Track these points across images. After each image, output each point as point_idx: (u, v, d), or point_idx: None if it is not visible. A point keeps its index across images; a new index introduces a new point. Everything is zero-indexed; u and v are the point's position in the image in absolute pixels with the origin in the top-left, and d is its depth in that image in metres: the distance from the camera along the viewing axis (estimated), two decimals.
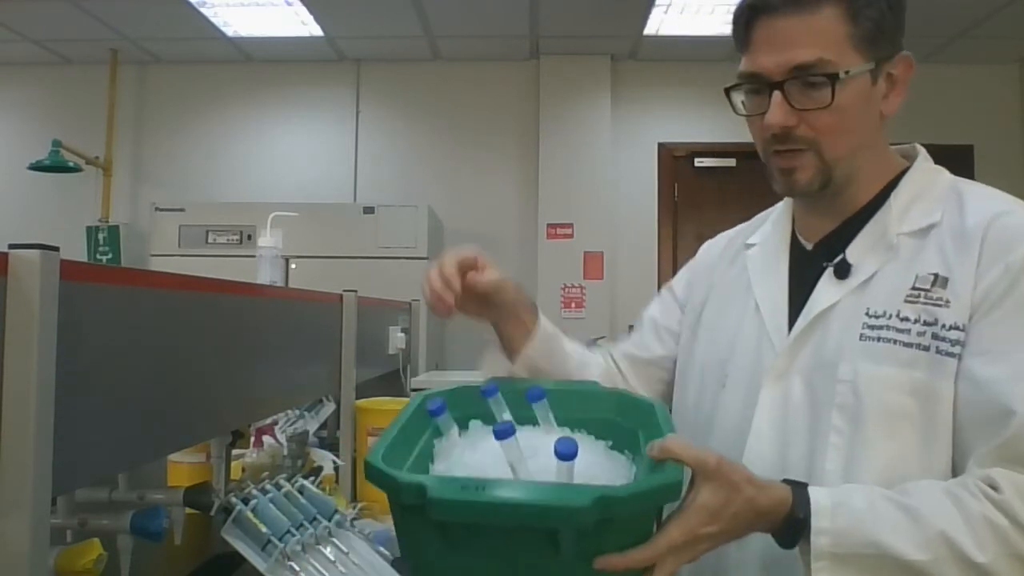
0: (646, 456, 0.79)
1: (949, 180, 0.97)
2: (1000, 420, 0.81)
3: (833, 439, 0.89)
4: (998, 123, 4.56)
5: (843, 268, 0.94)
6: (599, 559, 0.71)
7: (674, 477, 0.74)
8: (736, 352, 1.01)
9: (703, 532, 0.76)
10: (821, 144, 0.92)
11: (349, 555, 1.15)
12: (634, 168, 4.63)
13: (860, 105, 0.92)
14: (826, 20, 0.89)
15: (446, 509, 0.68)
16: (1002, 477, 0.79)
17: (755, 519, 0.79)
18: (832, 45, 0.89)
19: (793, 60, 0.89)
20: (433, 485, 0.69)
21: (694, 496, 0.77)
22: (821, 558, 0.78)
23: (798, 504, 0.80)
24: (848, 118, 0.91)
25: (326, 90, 4.75)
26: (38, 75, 4.78)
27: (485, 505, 0.68)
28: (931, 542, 0.77)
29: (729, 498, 0.77)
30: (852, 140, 0.93)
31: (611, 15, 4.01)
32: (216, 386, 1.06)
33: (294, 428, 1.79)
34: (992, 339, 0.84)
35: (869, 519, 0.79)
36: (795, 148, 0.93)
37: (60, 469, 0.65)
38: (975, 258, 0.87)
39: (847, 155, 0.94)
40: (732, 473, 0.77)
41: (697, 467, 0.77)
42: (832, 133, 0.92)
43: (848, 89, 0.90)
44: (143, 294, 0.85)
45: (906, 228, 0.93)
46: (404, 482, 0.70)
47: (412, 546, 0.77)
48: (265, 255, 1.90)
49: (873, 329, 0.89)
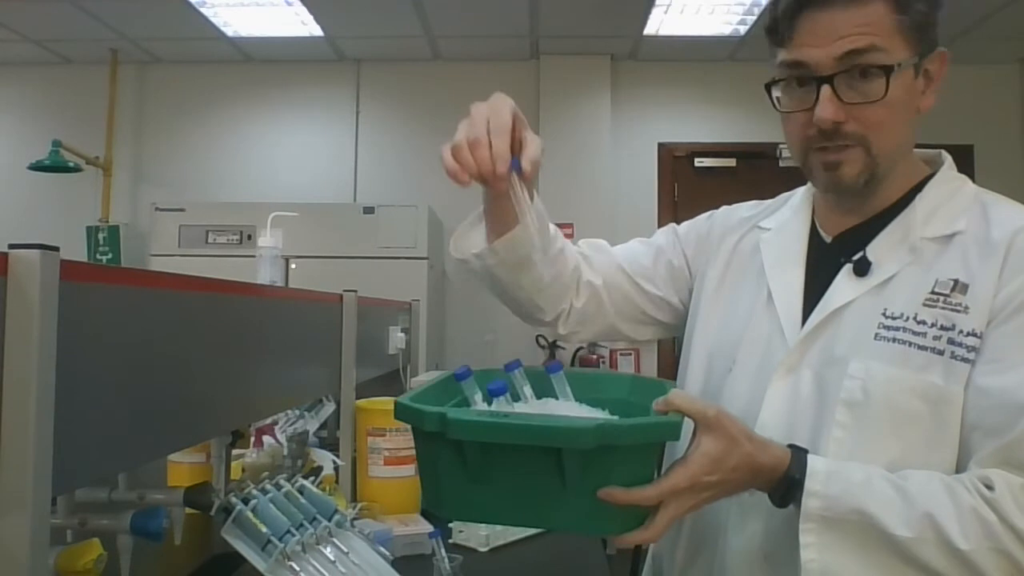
0: (653, 414, 0.83)
1: (974, 191, 0.97)
2: (1007, 423, 0.81)
3: (836, 433, 0.89)
4: (998, 123, 4.57)
5: (863, 266, 0.93)
6: (603, 489, 0.76)
7: (673, 418, 0.80)
8: (746, 339, 1.01)
9: (704, 480, 0.80)
10: (870, 139, 0.90)
11: (349, 555, 1.15)
12: (634, 168, 4.63)
13: (907, 99, 0.91)
14: (875, 11, 0.88)
15: (464, 429, 0.76)
16: (998, 477, 0.80)
17: (753, 475, 0.82)
18: (884, 34, 0.88)
19: (844, 47, 0.87)
20: (453, 411, 0.78)
21: (696, 445, 0.81)
22: (810, 519, 0.82)
23: (795, 466, 0.83)
24: (896, 112, 0.90)
25: (326, 90, 4.75)
26: (38, 75, 4.78)
27: (497, 425, 0.77)
28: (918, 522, 0.79)
29: (729, 448, 0.81)
30: (899, 135, 0.92)
31: (611, 15, 4.01)
32: (216, 386, 1.06)
33: (294, 428, 1.79)
34: (1006, 349, 0.84)
35: (862, 491, 0.81)
36: (843, 143, 0.90)
37: (60, 469, 0.65)
38: (998, 267, 0.86)
39: (894, 150, 0.93)
40: (731, 426, 0.82)
41: (698, 417, 0.82)
42: (881, 128, 0.90)
43: (898, 82, 0.88)
44: (143, 294, 0.85)
45: (930, 233, 0.92)
46: (428, 411, 0.78)
47: (432, 478, 0.84)
48: (265, 255, 1.89)
49: (889, 330, 0.89)
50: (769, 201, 1.15)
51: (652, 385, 0.99)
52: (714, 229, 1.17)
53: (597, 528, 0.82)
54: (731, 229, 1.14)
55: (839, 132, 0.90)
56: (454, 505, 0.83)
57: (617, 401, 0.98)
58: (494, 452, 0.76)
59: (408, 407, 0.81)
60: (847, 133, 0.90)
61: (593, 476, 0.76)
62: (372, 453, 1.69)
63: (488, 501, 0.80)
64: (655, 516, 0.79)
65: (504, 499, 0.79)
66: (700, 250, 1.16)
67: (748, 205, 1.17)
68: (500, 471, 0.78)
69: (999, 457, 0.81)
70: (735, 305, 1.05)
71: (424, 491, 0.87)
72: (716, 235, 1.15)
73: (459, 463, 0.78)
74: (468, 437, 0.76)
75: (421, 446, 0.84)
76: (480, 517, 0.89)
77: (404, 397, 0.85)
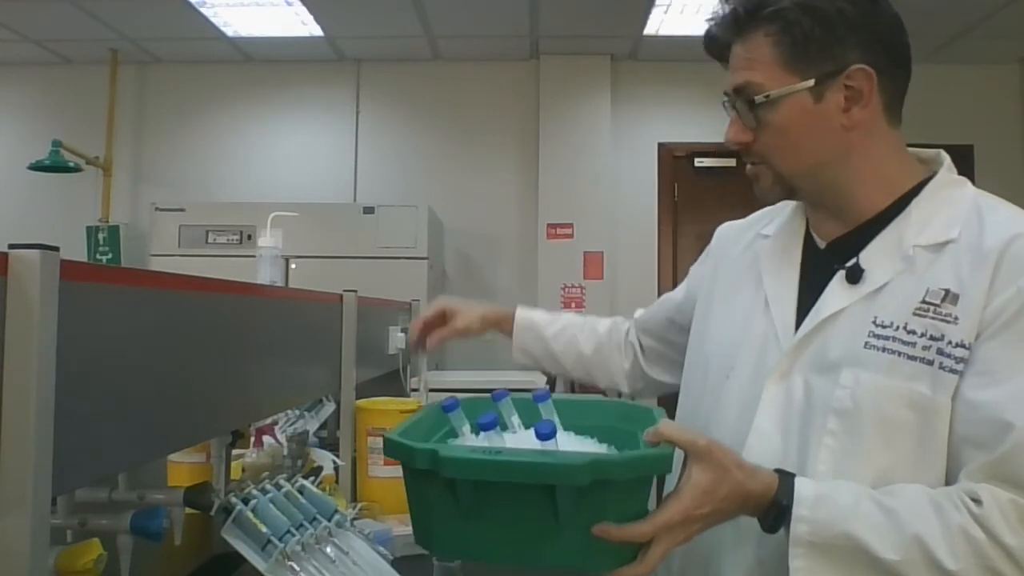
0: (644, 446, 0.84)
1: (971, 195, 0.95)
2: (996, 436, 0.81)
3: (827, 441, 0.89)
4: (998, 123, 4.56)
5: (855, 273, 0.93)
6: (597, 526, 0.76)
7: (664, 450, 0.81)
8: (743, 345, 1.01)
9: (697, 512, 0.81)
10: (771, 160, 0.97)
11: (349, 555, 1.15)
12: (634, 168, 4.63)
13: (804, 122, 0.94)
14: (756, 45, 0.94)
15: (456, 467, 0.75)
16: (985, 492, 0.80)
17: (743, 502, 0.83)
18: (762, 67, 0.94)
19: (734, 80, 0.96)
20: (445, 448, 0.78)
21: (687, 477, 0.82)
22: (799, 544, 0.82)
23: (783, 491, 0.83)
24: (791, 136, 0.94)
25: (326, 90, 4.75)
26: (38, 75, 4.78)
27: (490, 462, 0.76)
28: (906, 544, 0.79)
29: (720, 479, 0.82)
30: (804, 156, 0.96)
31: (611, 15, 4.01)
32: (216, 386, 1.06)
33: (294, 428, 1.79)
34: (996, 362, 0.84)
35: (850, 514, 0.82)
36: (753, 161, 0.99)
37: (60, 469, 0.65)
38: (989, 277, 0.86)
39: (804, 171, 0.97)
40: (722, 456, 0.83)
41: (689, 448, 0.83)
42: (778, 150, 0.96)
43: (783, 109, 0.93)
44: (143, 294, 0.85)
45: (923, 241, 0.92)
46: (419, 448, 0.78)
47: (423, 515, 0.82)
48: (265, 255, 1.89)
49: (879, 339, 0.89)
50: (771, 208, 1.16)
51: (640, 412, 0.99)
52: (711, 251, 1.22)
53: (591, 565, 0.80)
54: (733, 241, 1.16)
55: (748, 151, 0.99)
56: (446, 543, 0.83)
57: (605, 429, 0.98)
58: (487, 489, 0.76)
59: (398, 444, 0.80)
60: (753, 152, 0.98)
61: (587, 511, 0.76)
62: (372, 453, 1.69)
63: (481, 538, 0.79)
64: (648, 550, 0.80)
65: (497, 536, 0.79)
66: (705, 274, 1.19)
67: (744, 221, 1.20)
68: (493, 508, 0.77)
69: (988, 471, 0.81)
70: (734, 311, 1.06)
71: (415, 528, 0.86)
72: (718, 252, 1.19)
73: (451, 500, 0.77)
74: (461, 475, 0.75)
75: (411, 483, 0.83)
76: (473, 555, 0.87)
77: (393, 432, 0.84)
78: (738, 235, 1.16)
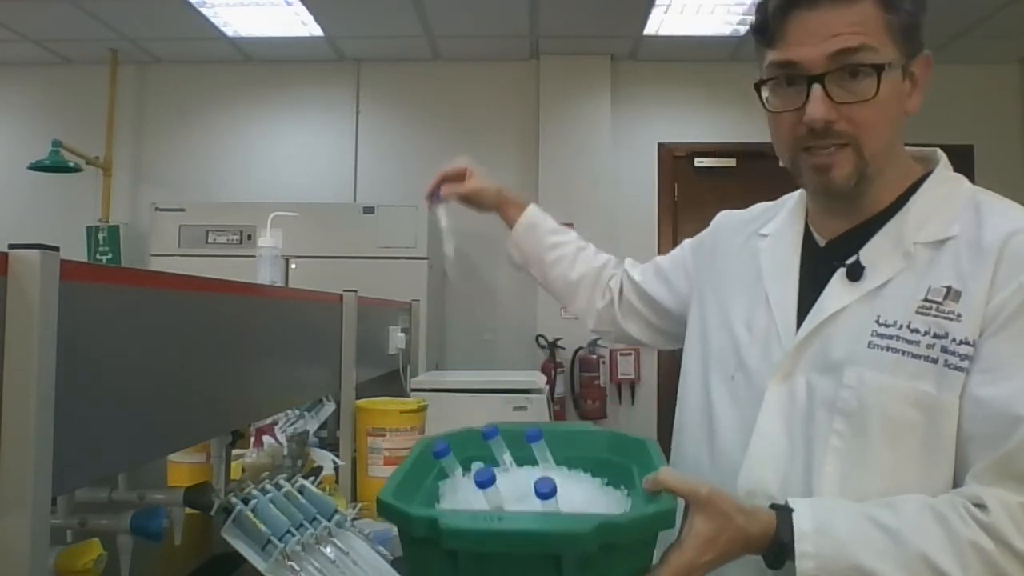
0: (641, 490, 0.82)
1: (969, 191, 0.95)
2: (1005, 431, 0.80)
3: (834, 442, 0.89)
4: (998, 123, 4.56)
5: (856, 270, 0.93)
6: None
7: (668, 505, 0.78)
8: (746, 344, 1.01)
9: (700, 561, 0.79)
10: (860, 139, 0.90)
11: (349, 555, 1.15)
12: (634, 168, 4.63)
13: (895, 100, 0.91)
14: (865, 10, 0.88)
15: (458, 537, 0.72)
16: (991, 497, 0.79)
17: (745, 545, 0.82)
18: (874, 34, 0.88)
19: (835, 46, 0.87)
20: (445, 516, 0.73)
21: (690, 526, 0.80)
22: None
23: (782, 528, 0.82)
24: (886, 112, 0.90)
25: (326, 90, 4.75)
26: (38, 75, 4.78)
27: (494, 533, 0.72)
28: (912, 564, 0.78)
29: (722, 526, 0.79)
30: (888, 135, 0.92)
31: (611, 15, 4.01)
32: (216, 386, 1.06)
33: (294, 428, 1.79)
34: (1001, 358, 0.83)
35: (852, 542, 0.80)
36: (833, 143, 0.90)
37: (60, 469, 0.65)
38: (990, 273, 0.85)
39: (884, 151, 0.92)
40: (723, 504, 0.80)
41: (690, 497, 0.80)
42: (872, 128, 0.90)
43: (887, 82, 0.88)
44: (143, 294, 0.85)
45: (923, 238, 0.91)
46: (416, 515, 0.74)
47: None
48: (265, 255, 1.89)
49: (882, 338, 0.89)
50: (770, 204, 1.15)
51: (630, 442, 0.98)
52: (707, 238, 1.21)
53: None
54: (731, 234, 1.15)
55: (830, 131, 0.89)
56: None
57: (596, 460, 0.96)
58: (489, 558, 0.73)
59: (394, 508, 0.76)
60: (838, 132, 0.89)
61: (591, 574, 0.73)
62: (372, 453, 1.69)
63: None
64: None
65: None
66: (700, 261, 1.19)
67: (745, 214, 1.18)
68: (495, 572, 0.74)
69: (996, 469, 0.80)
70: (736, 310, 1.05)
71: None
72: (715, 243, 1.17)
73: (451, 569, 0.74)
74: (463, 546, 0.72)
75: (409, 549, 0.79)
76: None
77: (387, 492, 0.79)
78: (738, 227, 1.15)
